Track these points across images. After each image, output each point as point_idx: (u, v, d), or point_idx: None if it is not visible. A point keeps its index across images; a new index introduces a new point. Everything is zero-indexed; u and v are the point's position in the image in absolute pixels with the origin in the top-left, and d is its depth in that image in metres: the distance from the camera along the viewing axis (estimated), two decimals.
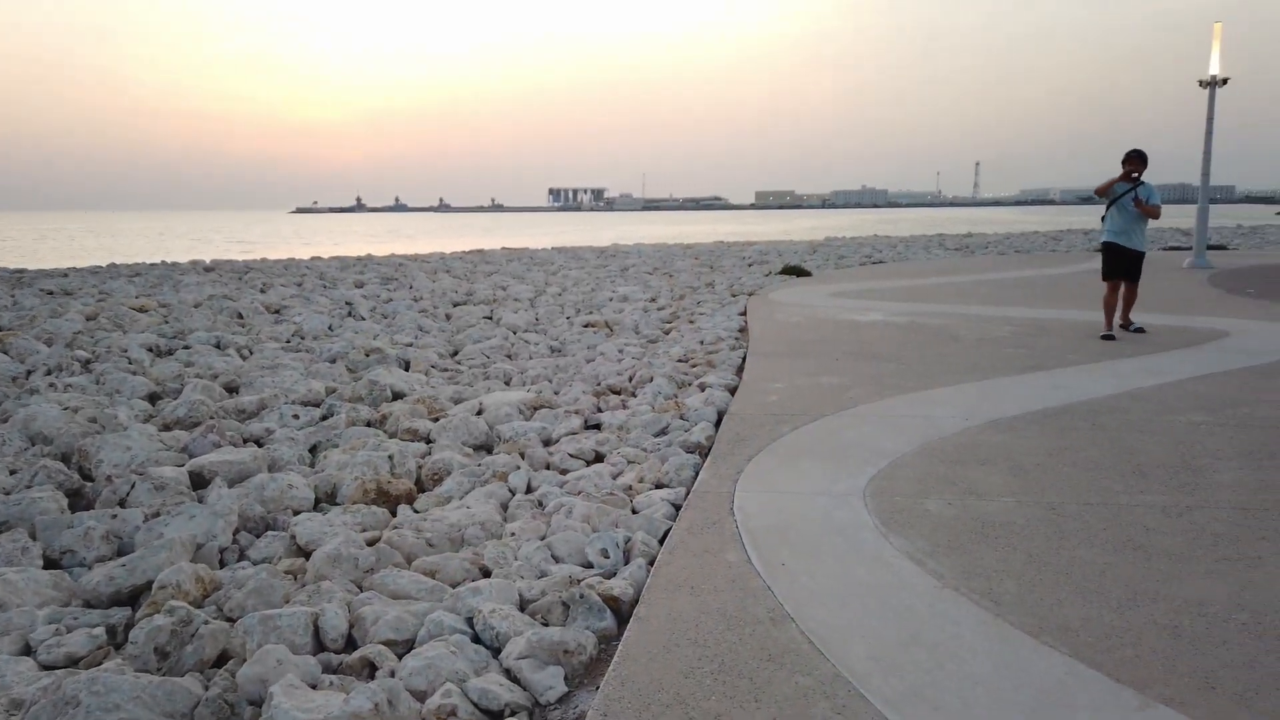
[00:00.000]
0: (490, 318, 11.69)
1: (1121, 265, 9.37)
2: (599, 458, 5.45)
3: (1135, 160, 9.10)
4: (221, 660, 3.01)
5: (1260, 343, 8.58)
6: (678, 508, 4.33)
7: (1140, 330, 9.42)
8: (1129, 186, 9.16)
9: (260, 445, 5.59)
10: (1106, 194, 9.31)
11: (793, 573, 3.46)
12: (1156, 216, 9.18)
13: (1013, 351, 8.35)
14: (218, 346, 9.05)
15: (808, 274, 18.15)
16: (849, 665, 2.75)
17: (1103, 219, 9.55)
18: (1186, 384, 6.78)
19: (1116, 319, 9.43)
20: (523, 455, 5.36)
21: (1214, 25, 15.64)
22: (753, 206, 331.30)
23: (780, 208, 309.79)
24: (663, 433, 5.85)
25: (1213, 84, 15.82)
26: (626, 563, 3.69)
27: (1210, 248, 19.31)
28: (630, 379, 7.55)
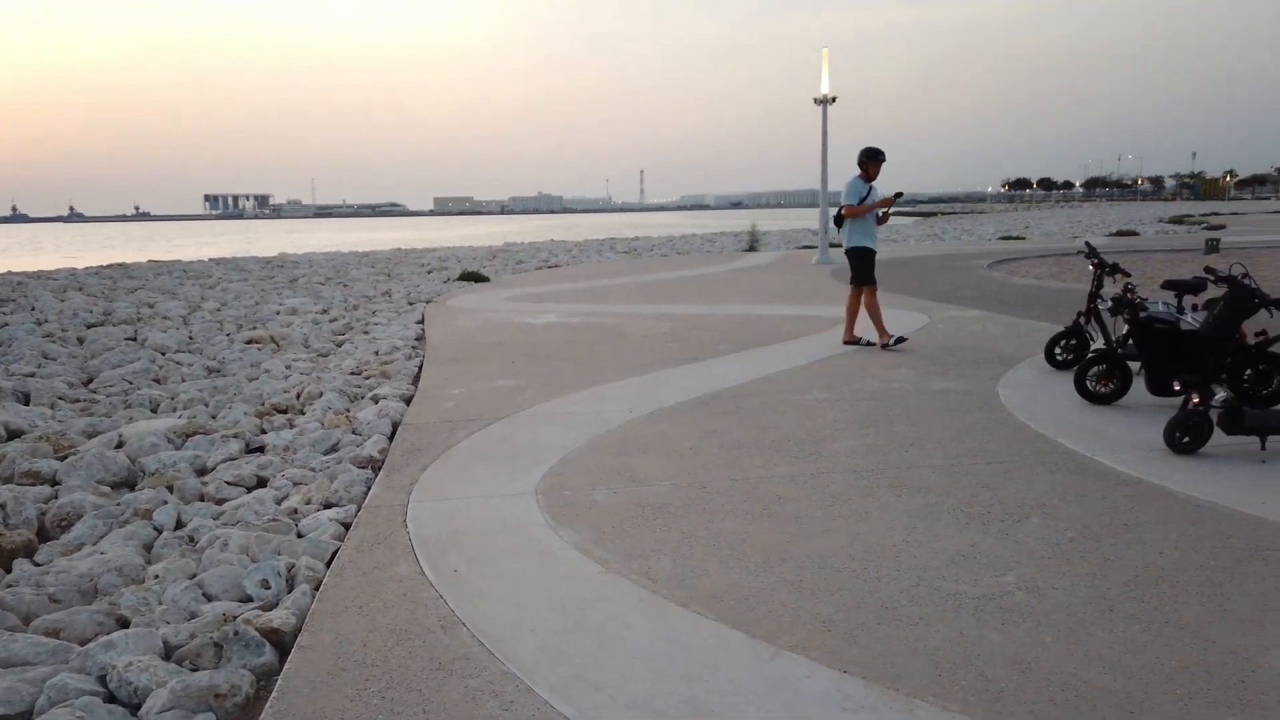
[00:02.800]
0: (134, 339, 10.46)
1: (870, 267, 8.78)
2: (262, 482, 5.10)
3: (880, 161, 8.67)
4: None
5: (868, 326, 9.96)
6: (348, 526, 4.18)
7: (872, 343, 8.72)
8: (867, 188, 8.67)
9: None
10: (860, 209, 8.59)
11: (465, 578, 3.48)
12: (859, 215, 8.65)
13: (672, 346, 8.99)
14: None
15: (486, 279, 18.24)
16: (518, 660, 2.83)
17: (839, 224, 8.90)
18: (813, 366, 7.73)
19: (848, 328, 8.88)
20: (171, 488, 4.87)
21: (822, 50, 18.01)
22: (432, 213, 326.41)
23: (460, 214, 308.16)
24: (333, 449, 5.60)
25: (824, 102, 18.16)
26: (290, 591, 3.49)
27: (832, 245, 22.08)
28: (298, 396, 7.14)
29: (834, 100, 18.10)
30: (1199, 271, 6.03)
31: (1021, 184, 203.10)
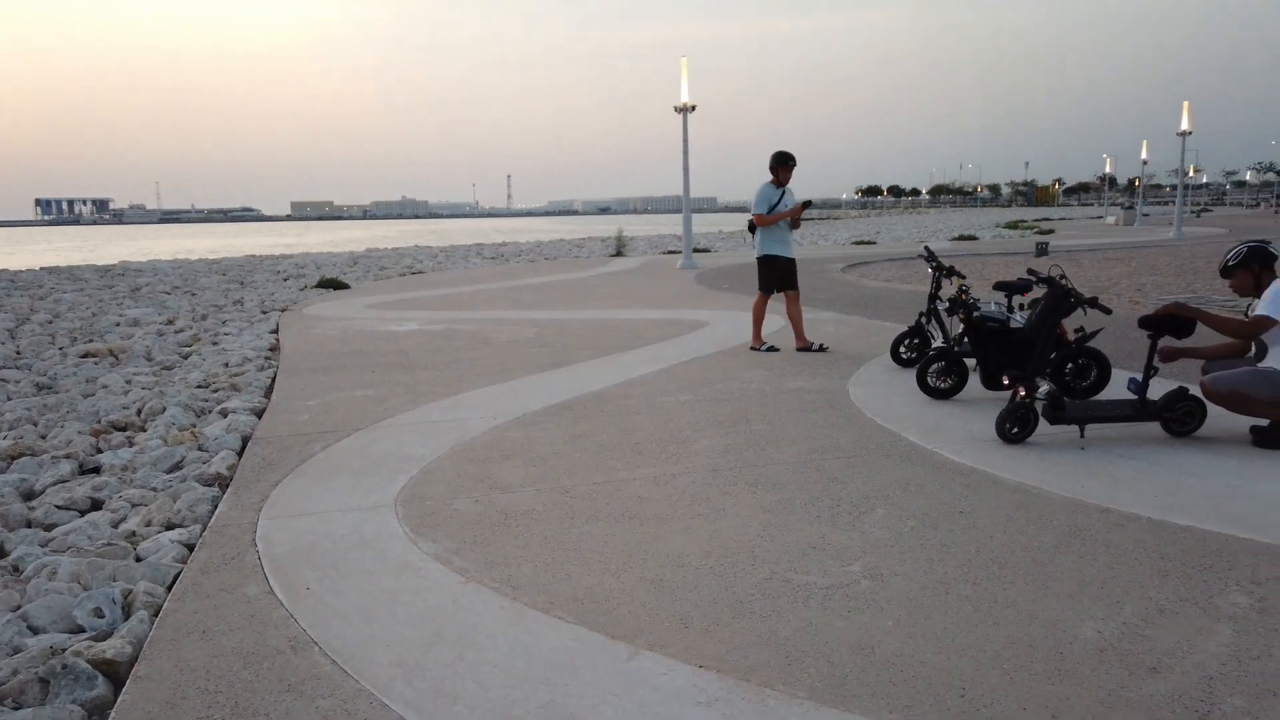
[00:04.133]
0: None
1: (779, 273, 8.70)
2: (97, 505, 4.78)
3: (790, 165, 8.54)
4: None
5: (730, 329, 10.24)
6: (192, 548, 3.97)
7: (774, 349, 8.66)
8: (778, 194, 8.57)
9: None
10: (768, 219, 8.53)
11: (318, 595, 3.37)
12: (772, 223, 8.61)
13: (538, 351, 8.97)
14: None
15: (346, 286, 17.68)
16: (373, 677, 2.77)
17: (752, 231, 8.79)
18: (675, 369, 7.87)
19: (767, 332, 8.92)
20: None
21: (681, 60, 18.38)
22: (289, 218, 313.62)
23: (319, 219, 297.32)
24: (176, 467, 5.31)
25: (684, 110, 18.54)
26: (126, 619, 3.30)
27: (696, 250, 22.53)
28: (139, 412, 6.73)
29: (694, 108, 18.48)
30: (1041, 272, 6.49)
31: (873, 191, 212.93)
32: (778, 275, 8.67)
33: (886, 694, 2.63)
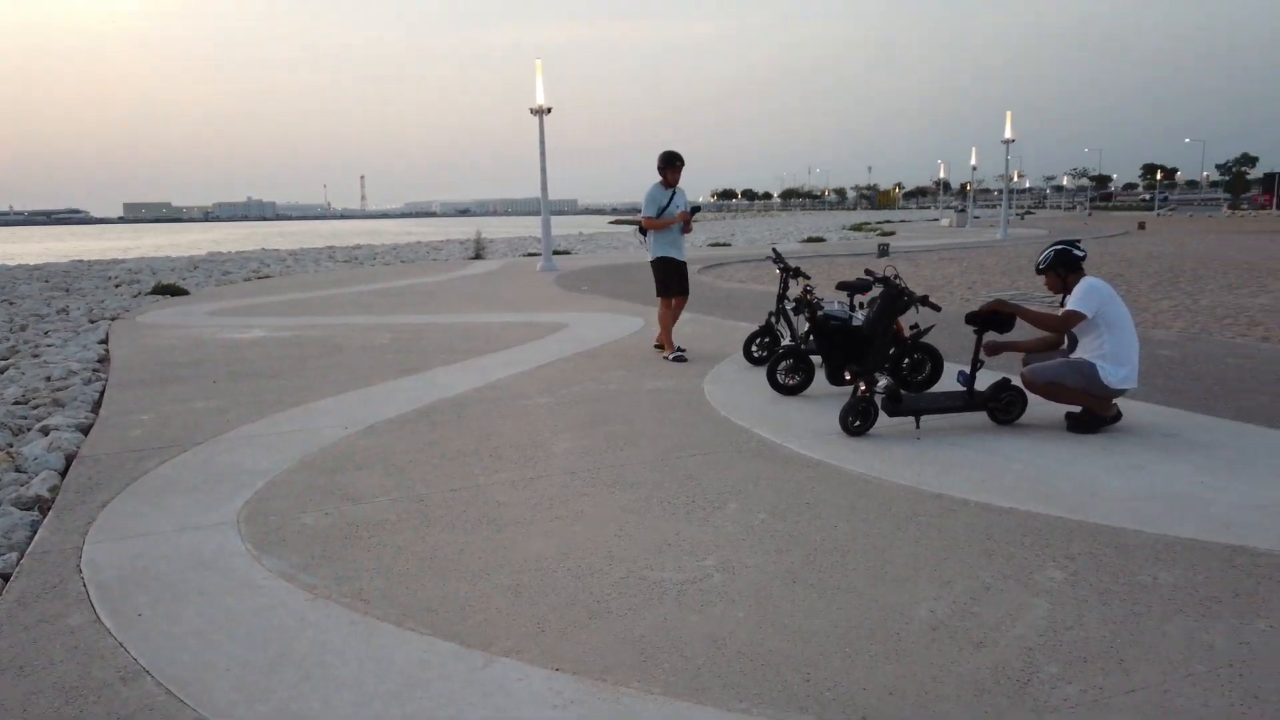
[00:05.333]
0: None
1: (674, 278, 8.57)
2: None
3: (678, 166, 8.38)
4: None
5: (589, 331, 10.30)
6: (8, 577, 3.66)
7: (682, 358, 8.35)
8: (667, 195, 8.37)
9: None
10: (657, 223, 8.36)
11: (152, 622, 3.18)
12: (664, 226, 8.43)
13: (393, 357, 8.74)
14: None
15: (185, 292, 16.70)
16: (212, 704, 2.63)
17: (643, 234, 8.63)
18: (535, 371, 7.85)
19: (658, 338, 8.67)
20: None
21: (536, 62, 18.30)
22: (122, 220, 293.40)
23: (156, 221, 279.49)
24: None
25: (540, 112, 18.50)
26: None
27: (557, 253, 22.51)
28: None
29: (549, 111, 18.45)
30: (876, 273, 6.82)
31: (728, 194, 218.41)
32: (674, 278, 8.52)
33: (737, 684, 2.72)
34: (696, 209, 8.75)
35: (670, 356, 8.32)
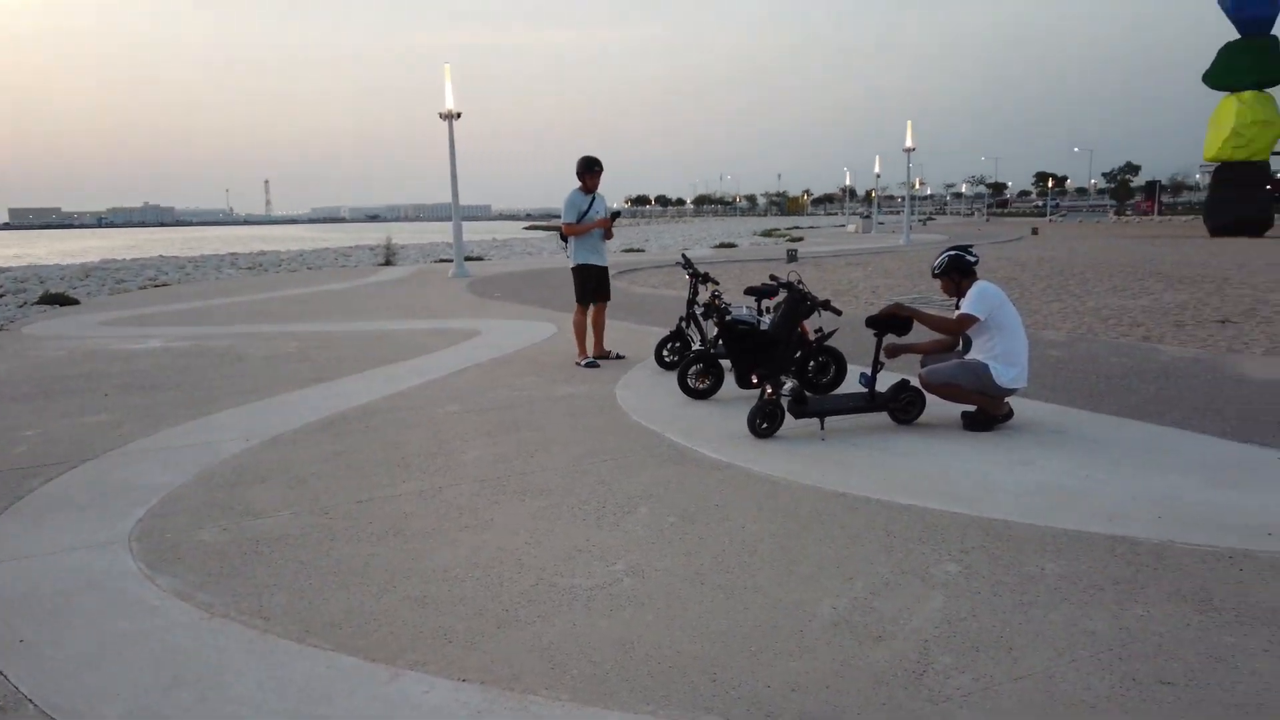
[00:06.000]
0: None
1: (594, 284, 8.52)
2: None
3: (597, 171, 8.38)
4: None
5: (502, 338, 10.23)
6: None
7: (622, 356, 8.62)
8: (587, 200, 8.36)
9: None
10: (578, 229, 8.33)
11: (35, 647, 3.03)
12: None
13: (299, 367, 8.52)
14: None
15: (75, 302, 15.96)
16: None
17: (564, 240, 8.57)
18: (446, 379, 7.75)
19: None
20: None
21: (445, 66, 18.11)
22: (7, 226, 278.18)
23: (44, 227, 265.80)
24: None
25: (450, 117, 18.30)
26: None
27: (469, 259, 22.28)
28: None
29: (459, 116, 18.27)
30: (781, 278, 6.96)
31: (642, 200, 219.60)
32: (594, 284, 8.50)
33: (644, 687, 2.74)
34: (617, 214, 8.76)
35: (583, 362, 8.33)
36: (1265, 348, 8.91)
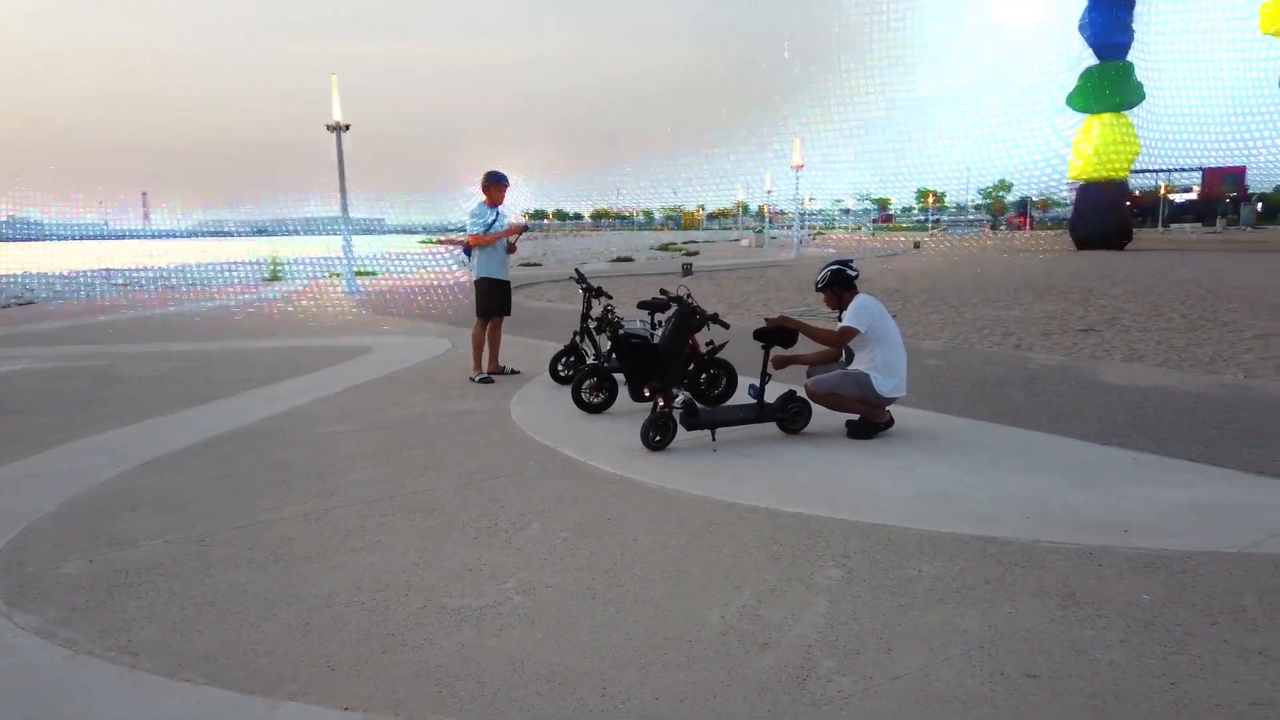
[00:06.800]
0: None
1: (496, 298, 8.57)
2: None
3: (504, 186, 8.51)
4: None
5: (393, 355, 10.04)
6: None
7: (516, 371, 8.63)
8: (493, 214, 8.44)
9: None
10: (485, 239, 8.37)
11: None
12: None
13: (178, 387, 8.17)
14: None
15: None
16: None
17: (468, 254, 8.62)
18: (335, 398, 7.55)
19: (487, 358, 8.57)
20: None
21: (331, 76, 17.72)
22: None
23: None
24: None
25: (337, 129, 17.89)
26: None
27: (361, 273, 21.77)
28: None
29: (348, 127, 17.88)
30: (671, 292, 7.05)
31: (539, 214, 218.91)
32: (497, 298, 8.50)
33: (533, 706, 2.73)
34: (525, 228, 8.85)
35: (478, 378, 8.25)
36: (1124, 354, 9.52)
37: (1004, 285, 19.51)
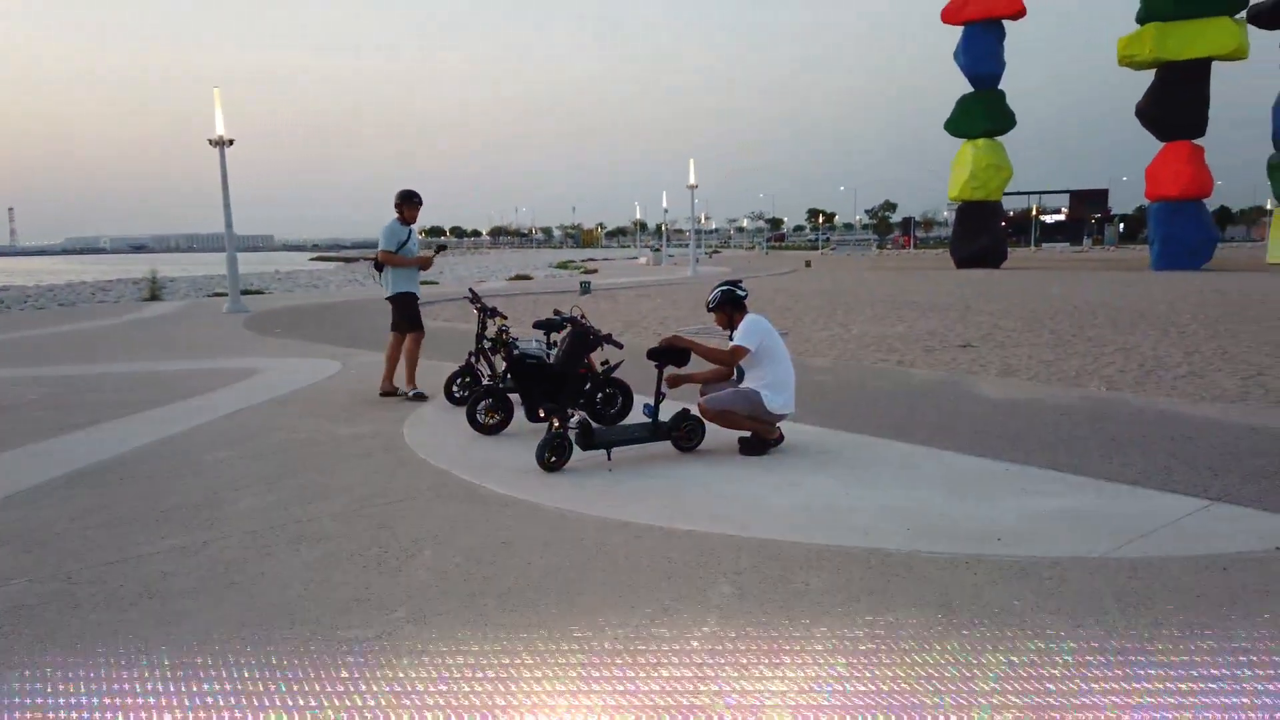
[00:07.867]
0: None
1: (412, 312, 8.60)
2: None
3: (416, 204, 8.61)
4: None
5: (280, 377, 9.72)
6: None
7: (422, 393, 8.41)
8: (406, 232, 8.52)
9: None
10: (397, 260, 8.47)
11: None
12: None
13: (45, 414, 7.71)
14: None
15: None
16: None
17: (379, 270, 8.64)
18: (218, 423, 7.26)
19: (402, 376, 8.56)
20: None
21: (214, 90, 17.09)
22: None
23: None
24: None
25: (221, 144, 17.28)
26: None
27: (247, 293, 21.01)
28: None
29: (232, 143, 17.27)
30: (565, 312, 7.07)
31: (436, 231, 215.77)
32: (413, 313, 8.57)
33: None
34: (443, 247, 9.32)
35: (411, 394, 8.29)
36: (999, 369, 10.01)
37: (889, 303, 20.26)
